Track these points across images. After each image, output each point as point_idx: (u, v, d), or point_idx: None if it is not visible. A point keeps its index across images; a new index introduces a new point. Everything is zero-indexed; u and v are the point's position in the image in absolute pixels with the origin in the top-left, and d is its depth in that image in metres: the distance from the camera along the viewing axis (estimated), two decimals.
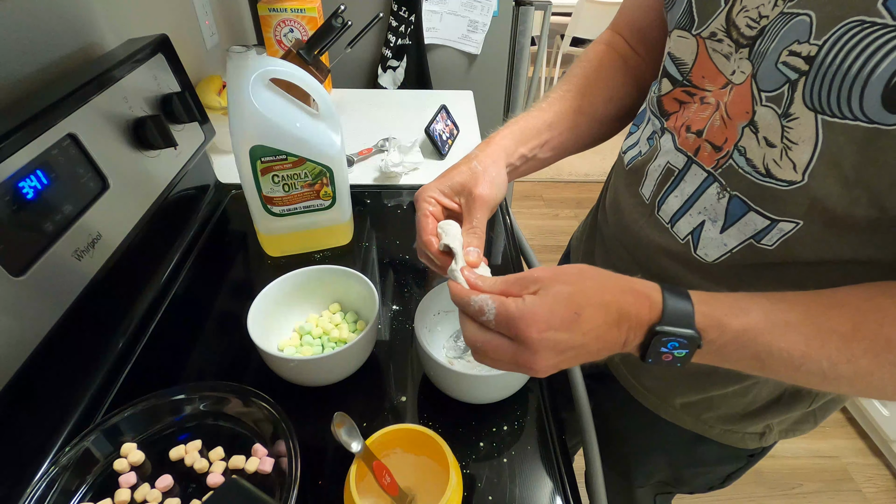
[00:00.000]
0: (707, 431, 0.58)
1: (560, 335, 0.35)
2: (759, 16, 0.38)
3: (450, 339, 0.62)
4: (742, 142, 0.40)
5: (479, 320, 0.37)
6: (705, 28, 0.42)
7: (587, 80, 0.58)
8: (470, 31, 1.47)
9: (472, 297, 0.37)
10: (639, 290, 0.37)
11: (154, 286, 0.68)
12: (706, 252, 0.46)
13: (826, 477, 1.50)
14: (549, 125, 0.54)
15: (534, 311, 0.35)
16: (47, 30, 0.61)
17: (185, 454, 0.49)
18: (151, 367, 0.60)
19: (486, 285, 0.39)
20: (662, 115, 0.49)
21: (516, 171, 0.54)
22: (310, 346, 0.59)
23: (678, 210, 0.47)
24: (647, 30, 0.57)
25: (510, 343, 0.36)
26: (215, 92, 0.98)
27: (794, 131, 0.36)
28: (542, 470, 0.51)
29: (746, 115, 0.39)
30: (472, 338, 0.37)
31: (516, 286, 0.37)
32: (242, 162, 0.65)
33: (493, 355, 0.37)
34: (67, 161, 0.53)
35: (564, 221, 2.55)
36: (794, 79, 0.35)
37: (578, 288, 0.36)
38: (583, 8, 2.91)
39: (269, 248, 0.76)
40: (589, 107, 0.56)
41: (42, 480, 0.44)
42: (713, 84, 0.43)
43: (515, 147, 0.53)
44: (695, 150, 0.45)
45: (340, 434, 0.43)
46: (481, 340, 0.37)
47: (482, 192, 0.47)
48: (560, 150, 0.56)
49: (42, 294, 0.48)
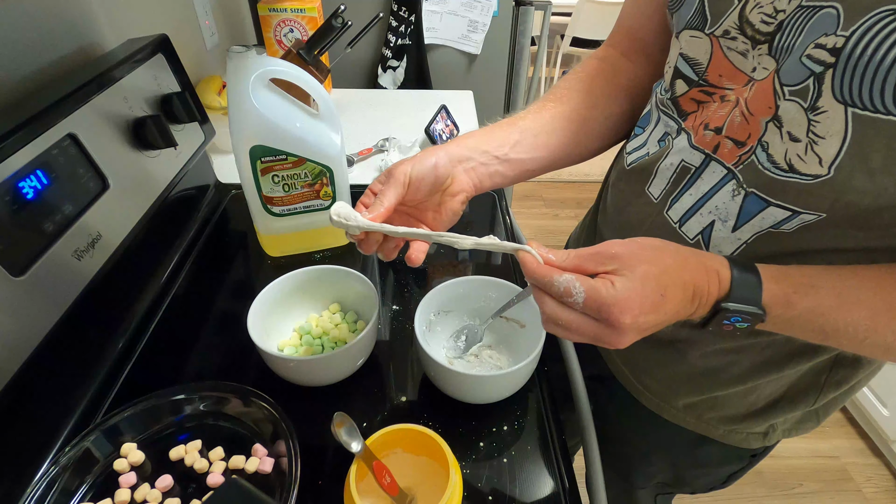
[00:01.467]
0: (710, 432, 0.57)
1: (649, 317, 0.35)
2: (774, 11, 0.37)
3: (450, 339, 0.62)
4: (766, 137, 0.39)
5: (562, 300, 0.36)
6: (718, 26, 0.42)
7: (570, 89, 0.57)
8: (470, 31, 1.47)
9: (556, 278, 0.36)
10: (709, 265, 0.38)
11: (154, 286, 0.68)
12: (719, 249, 0.45)
13: (826, 477, 1.50)
14: (521, 129, 0.54)
15: (628, 298, 0.34)
16: (47, 30, 0.61)
17: (185, 454, 0.49)
18: (151, 367, 0.60)
19: (558, 260, 0.38)
20: (680, 116, 0.48)
21: (487, 169, 0.52)
22: (310, 346, 0.59)
23: (689, 209, 0.46)
24: (646, 36, 0.57)
25: (595, 323, 0.36)
26: (215, 92, 0.98)
27: (821, 125, 0.35)
28: (542, 470, 0.51)
29: (769, 110, 0.39)
30: (554, 315, 0.37)
31: (591, 262, 0.37)
32: (242, 162, 0.65)
33: (574, 332, 0.37)
34: (67, 161, 0.53)
35: (564, 221, 2.56)
36: (819, 72, 0.34)
37: (662, 268, 0.36)
38: (583, 8, 2.91)
39: (269, 248, 0.76)
40: (572, 112, 0.56)
41: (42, 480, 0.44)
42: (734, 82, 0.42)
43: (478, 144, 0.52)
44: (713, 147, 0.44)
45: (340, 434, 0.43)
46: (564, 319, 0.37)
47: (395, 170, 0.47)
48: (541, 154, 0.55)
49: (42, 294, 0.48)
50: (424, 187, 0.48)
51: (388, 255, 0.48)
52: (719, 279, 0.37)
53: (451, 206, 0.50)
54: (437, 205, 0.50)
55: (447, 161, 0.49)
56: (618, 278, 0.35)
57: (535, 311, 0.57)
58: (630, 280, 0.35)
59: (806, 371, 0.51)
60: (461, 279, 0.61)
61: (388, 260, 0.48)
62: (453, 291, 0.61)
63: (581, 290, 0.35)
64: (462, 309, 0.63)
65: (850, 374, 0.51)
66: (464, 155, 0.51)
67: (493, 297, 0.61)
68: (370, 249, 0.46)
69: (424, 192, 0.48)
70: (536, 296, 0.39)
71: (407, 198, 0.47)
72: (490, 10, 1.44)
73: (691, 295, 0.37)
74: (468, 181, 0.51)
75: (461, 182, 0.50)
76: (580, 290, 0.35)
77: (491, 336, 0.63)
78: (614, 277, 0.35)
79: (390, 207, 0.45)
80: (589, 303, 0.35)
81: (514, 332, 0.61)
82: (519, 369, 0.51)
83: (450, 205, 0.50)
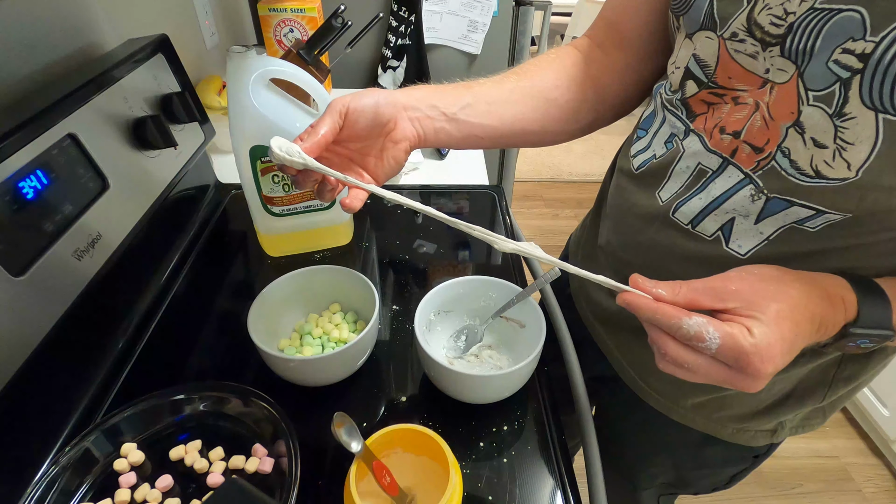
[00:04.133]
0: (719, 431, 0.57)
1: (785, 358, 0.34)
2: (784, 13, 0.37)
3: (450, 339, 0.62)
4: (786, 143, 0.39)
5: (689, 344, 0.34)
6: (726, 29, 0.41)
7: (537, 66, 0.57)
8: (470, 31, 1.47)
9: (686, 321, 0.33)
10: (832, 292, 0.37)
11: (154, 286, 0.68)
12: (739, 244, 0.44)
13: (826, 477, 1.50)
14: (475, 93, 0.53)
15: (769, 346, 0.33)
16: (47, 30, 0.61)
17: (185, 454, 0.49)
18: (151, 367, 0.60)
19: (670, 295, 0.35)
20: (689, 118, 0.47)
21: (433, 123, 0.51)
22: (310, 346, 0.59)
23: (701, 210, 0.46)
24: (626, 30, 0.56)
25: (728, 369, 0.34)
26: (215, 92, 0.98)
27: (849, 131, 0.35)
28: (542, 470, 0.51)
29: (791, 115, 0.38)
30: (678, 358, 0.35)
31: (707, 297, 0.35)
32: (242, 162, 0.65)
33: (701, 376, 0.35)
34: (67, 161, 0.53)
35: (564, 221, 2.56)
36: (847, 77, 0.34)
37: (791, 304, 0.35)
38: (583, 8, 2.92)
39: (269, 248, 0.76)
40: (532, 88, 0.55)
41: (42, 480, 0.44)
42: (746, 84, 0.41)
43: (427, 98, 0.51)
44: (731, 152, 0.43)
45: (340, 434, 0.43)
46: (691, 362, 0.34)
47: (334, 101, 0.46)
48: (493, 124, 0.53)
49: (42, 294, 0.48)
50: (363, 122, 0.47)
51: (323, 197, 0.47)
52: (845, 305, 0.36)
53: (393, 153, 0.50)
54: (379, 150, 0.49)
55: (390, 103, 0.48)
56: (755, 324, 0.33)
57: (536, 311, 0.57)
58: (767, 325, 0.33)
59: (815, 367, 0.50)
60: (461, 279, 0.61)
61: (324, 202, 0.47)
62: (453, 291, 0.61)
63: (716, 337, 0.33)
64: (462, 309, 0.63)
65: (858, 371, 0.51)
66: (410, 104, 0.50)
67: (493, 297, 0.61)
68: (306, 186, 0.45)
69: (362, 128, 0.47)
70: (654, 334, 0.36)
71: (344, 133, 0.47)
72: (490, 10, 1.44)
73: (818, 326, 0.36)
74: (412, 130, 0.50)
75: (404, 129, 0.50)
76: (714, 337, 0.33)
77: (491, 336, 0.63)
78: (750, 323, 0.33)
79: (326, 136, 0.44)
80: (725, 351, 0.33)
81: (514, 332, 0.61)
82: (519, 369, 0.51)
83: (392, 152, 0.49)
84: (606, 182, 0.64)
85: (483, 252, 0.79)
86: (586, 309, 0.66)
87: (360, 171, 0.50)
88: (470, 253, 0.79)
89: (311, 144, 0.43)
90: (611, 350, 0.63)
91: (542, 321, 0.55)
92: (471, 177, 1.00)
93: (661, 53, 0.55)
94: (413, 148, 0.51)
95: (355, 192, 0.46)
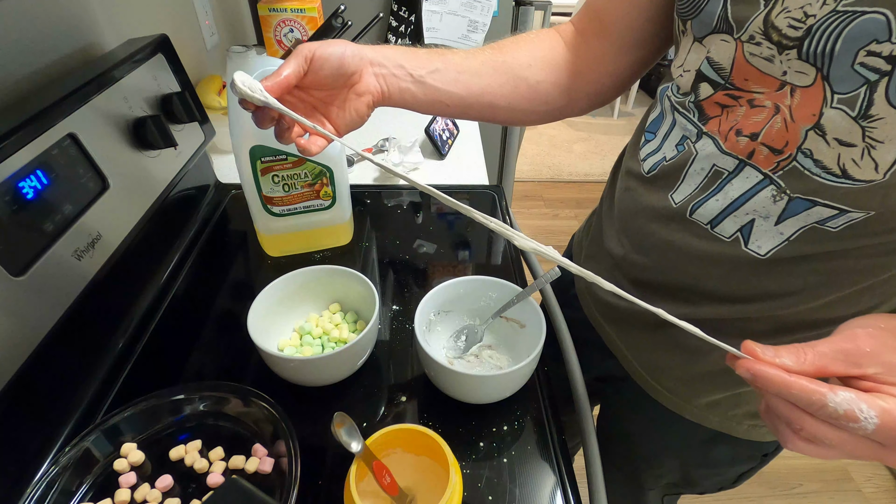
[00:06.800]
0: (734, 429, 0.57)
1: None
2: (804, 16, 0.37)
3: (450, 339, 0.62)
4: (806, 144, 0.39)
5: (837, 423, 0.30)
6: (744, 31, 0.41)
7: (513, 43, 0.57)
8: (470, 31, 1.47)
9: (832, 397, 0.29)
10: None
11: (154, 286, 0.68)
12: (759, 244, 0.44)
13: (826, 477, 1.50)
14: (446, 60, 0.53)
15: None
16: (47, 30, 0.61)
17: (185, 454, 0.49)
18: (151, 367, 0.60)
19: (796, 363, 0.31)
20: (701, 120, 0.47)
21: (398, 82, 0.51)
22: (310, 346, 0.59)
23: (721, 212, 0.46)
24: (611, 21, 0.55)
25: (881, 447, 0.30)
26: (215, 92, 0.98)
27: (878, 130, 0.35)
28: (542, 470, 0.51)
29: (812, 117, 0.38)
30: (819, 436, 0.30)
31: (839, 363, 0.31)
32: (242, 162, 0.65)
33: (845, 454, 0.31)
34: (67, 161, 0.53)
35: (564, 221, 2.56)
36: (874, 80, 0.34)
37: None
38: None
39: (269, 248, 0.76)
40: (503, 64, 0.55)
41: (42, 480, 0.44)
42: (762, 86, 0.41)
43: (395, 57, 0.51)
44: (748, 154, 0.43)
45: (340, 434, 0.43)
46: (835, 440, 0.30)
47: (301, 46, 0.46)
48: (459, 93, 0.54)
49: (42, 294, 0.48)
50: (327, 69, 0.47)
51: (281, 138, 0.47)
52: None
53: (355, 105, 0.50)
54: (342, 101, 0.50)
55: (356, 55, 0.48)
56: None
57: (536, 311, 0.57)
58: None
59: None
60: (461, 279, 0.61)
61: (283, 143, 0.47)
62: (453, 291, 0.61)
63: (872, 416, 0.29)
64: (462, 309, 0.63)
65: None
66: (376, 59, 0.50)
67: (493, 297, 0.61)
68: (264, 125, 0.45)
69: (326, 75, 0.47)
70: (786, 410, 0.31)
71: (308, 79, 0.47)
72: (490, 10, 1.44)
73: None
74: (376, 85, 0.50)
75: (368, 83, 0.50)
76: (871, 417, 0.29)
77: (491, 336, 0.63)
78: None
79: (289, 77, 0.44)
80: (886, 430, 0.29)
81: (514, 332, 0.61)
82: (519, 369, 0.51)
83: (354, 104, 0.50)
84: (611, 184, 0.63)
85: (483, 252, 0.79)
86: (594, 309, 0.66)
87: (322, 118, 0.50)
88: (470, 253, 0.79)
89: (272, 84, 0.43)
90: (620, 349, 0.62)
91: (542, 321, 0.55)
92: (471, 177, 1.00)
93: (639, 47, 0.55)
94: (376, 104, 0.51)
95: (314, 137, 0.47)
